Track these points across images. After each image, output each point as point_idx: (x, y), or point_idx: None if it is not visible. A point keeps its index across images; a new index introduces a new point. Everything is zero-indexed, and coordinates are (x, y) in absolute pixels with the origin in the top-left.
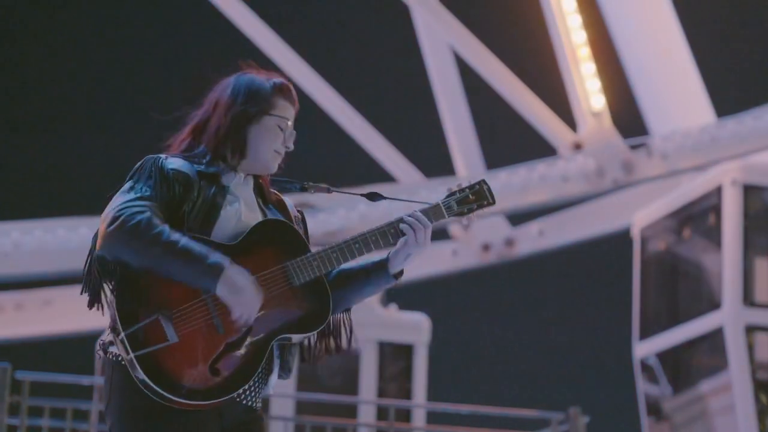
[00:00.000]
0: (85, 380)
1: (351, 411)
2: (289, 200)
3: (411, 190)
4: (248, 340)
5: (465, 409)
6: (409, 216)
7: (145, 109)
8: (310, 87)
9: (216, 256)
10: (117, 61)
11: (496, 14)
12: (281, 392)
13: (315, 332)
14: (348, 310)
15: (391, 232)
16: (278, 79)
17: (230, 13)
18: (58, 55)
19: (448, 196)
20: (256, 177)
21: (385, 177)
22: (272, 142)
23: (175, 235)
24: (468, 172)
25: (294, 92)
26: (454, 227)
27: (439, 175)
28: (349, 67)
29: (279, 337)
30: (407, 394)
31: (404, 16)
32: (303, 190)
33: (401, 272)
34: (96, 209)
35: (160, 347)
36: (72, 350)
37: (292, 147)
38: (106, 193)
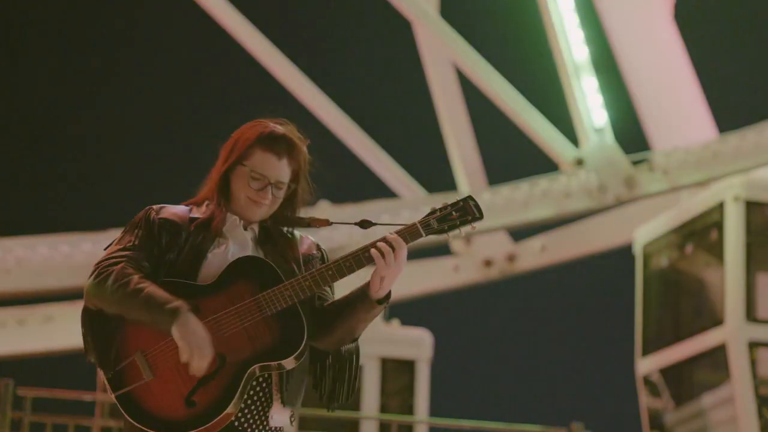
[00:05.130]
0: (86, 396)
1: (353, 426)
2: (310, 238)
3: (413, 205)
4: (223, 371)
5: (467, 424)
6: (380, 241)
7: (149, 129)
8: (314, 103)
9: (176, 303)
10: (127, 78)
11: (498, 30)
12: None
13: (289, 358)
14: (355, 340)
15: (365, 257)
16: (269, 130)
17: (234, 30)
18: (63, 67)
19: (428, 215)
20: (261, 222)
21: (388, 193)
22: (243, 189)
23: (143, 284)
24: (470, 188)
25: (288, 144)
26: (456, 243)
27: (441, 190)
28: (351, 82)
29: (255, 365)
30: (409, 409)
31: (406, 32)
32: (307, 225)
33: (387, 296)
34: (99, 225)
35: (137, 386)
36: (74, 366)
37: (267, 198)
38: (108, 209)
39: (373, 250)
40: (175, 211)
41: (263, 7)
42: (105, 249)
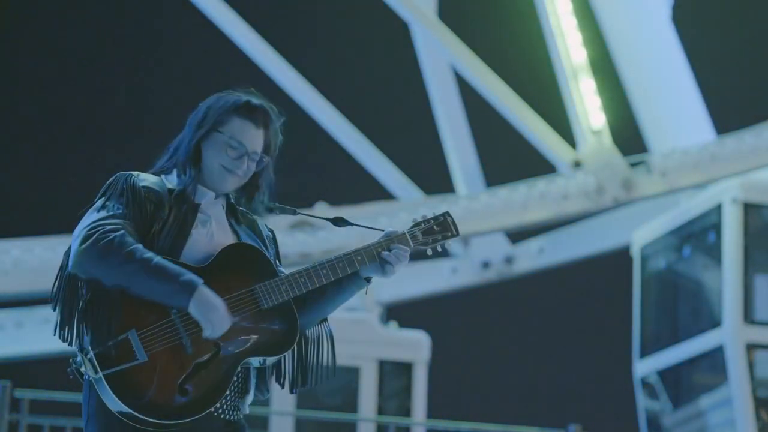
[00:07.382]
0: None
1: (351, 429)
2: (261, 220)
3: (411, 207)
4: (217, 360)
5: (465, 426)
6: (391, 249)
7: (145, 125)
8: (311, 105)
9: (189, 275)
10: (116, 75)
11: (496, 32)
12: (281, 410)
13: (282, 355)
14: (325, 320)
15: (357, 259)
16: (247, 99)
17: (230, 30)
18: (58, 69)
19: (413, 226)
20: (227, 197)
21: (386, 194)
22: (218, 157)
23: (149, 254)
24: (468, 190)
25: (265, 115)
26: (453, 245)
27: (439, 192)
28: (349, 84)
29: (247, 358)
30: (407, 411)
31: (404, 34)
32: (269, 211)
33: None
34: None
35: (128, 366)
36: None
37: (242, 168)
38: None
39: (393, 253)
40: (154, 180)
41: (260, 8)
42: (79, 215)
